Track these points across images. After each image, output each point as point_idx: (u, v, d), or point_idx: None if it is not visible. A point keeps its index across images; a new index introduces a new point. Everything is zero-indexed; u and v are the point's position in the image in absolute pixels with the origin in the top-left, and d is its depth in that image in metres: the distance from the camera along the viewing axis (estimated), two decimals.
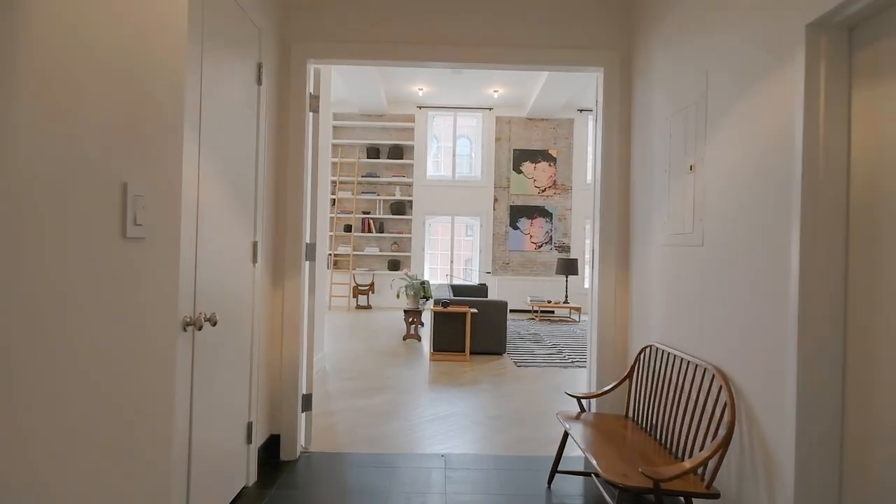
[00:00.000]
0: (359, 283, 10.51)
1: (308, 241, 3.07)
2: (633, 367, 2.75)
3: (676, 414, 2.24)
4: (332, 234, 10.50)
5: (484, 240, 10.89)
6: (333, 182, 10.59)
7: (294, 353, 2.95)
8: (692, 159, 2.25)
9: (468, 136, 11.14)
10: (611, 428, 2.56)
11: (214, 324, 2.00)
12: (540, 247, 10.95)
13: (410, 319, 6.98)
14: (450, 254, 11.02)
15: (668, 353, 2.45)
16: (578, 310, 9.30)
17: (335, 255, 10.55)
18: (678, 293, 2.38)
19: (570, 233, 11.00)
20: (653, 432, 2.49)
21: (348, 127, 10.75)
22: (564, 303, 9.67)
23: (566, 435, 2.68)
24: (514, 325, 8.65)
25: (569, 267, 9.69)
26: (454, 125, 10.97)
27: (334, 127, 10.69)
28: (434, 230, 11.19)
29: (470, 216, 10.96)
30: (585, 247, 11.08)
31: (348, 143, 10.63)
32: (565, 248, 10.99)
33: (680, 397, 2.24)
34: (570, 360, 5.86)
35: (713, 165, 2.09)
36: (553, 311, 10.35)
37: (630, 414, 2.77)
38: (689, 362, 2.23)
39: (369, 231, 10.57)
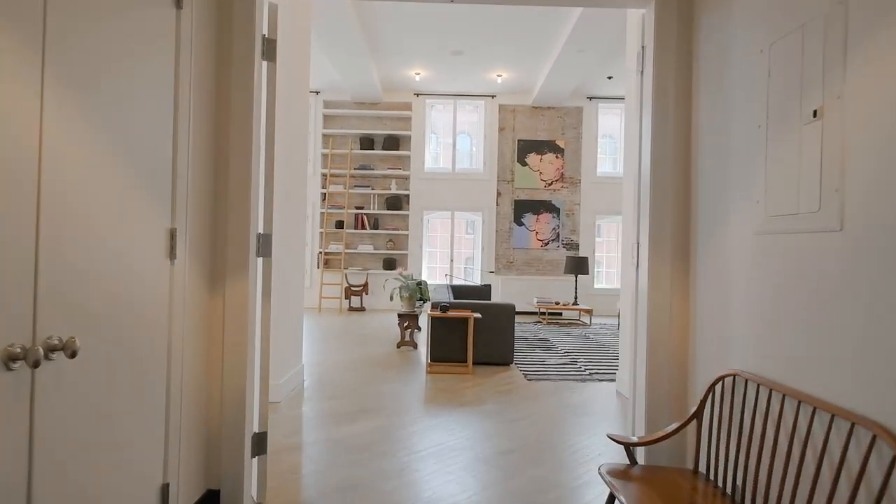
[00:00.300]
0: (351, 283, 9.76)
1: (261, 230, 2.32)
2: (702, 403, 1.99)
3: (793, 485, 1.49)
4: (322, 230, 9.76)
5: (486, 237, 10.14)
6: (324, 175, 9.84)
7: (239, 381, 2.19)
8: (817, 101, 1.49)
9: (468, 133, 10.38)
10: (676, 490, 1.81)
11: (73, 354, 1.25)
12: (546, 244, 10.20)
13: (405, 324, 6.22)
14: (449, 252, 10.27)
15: (768, 390, 1.69)
16: (590, 312, 8.55)
17: (326, 254, 9.80)
18: (785, 302, 1.62)
19: (579, 229, 10.24)
20: (742, 500, 1.74)
21: (340, 116, 9.99)
22: (574, 304, 8.93)
23: (613, 499, 1.93)
24: (521, 329, 7.89)
25: (578, 266, 8.95)
26: (454, 114, 10.21)
27: (325, 116, 9.94)
28: (433, 226, 10.44)
29: (471, 211, 10.20)
30: (595, 244, 10.32)
31: (340, 132, 9.87)
32: (573, 246, 10.24)
33: (800, 460, 1.48)
34: (587, 373, 5.10)
35: (865, 104, 1.33)
36: (560, 314, 9.61)
37: (700, 467, 2.02)
38: (814, 410, 1.47)
39: (363, 227, 9.82)
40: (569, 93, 9.49)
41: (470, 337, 5.06)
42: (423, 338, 6.86)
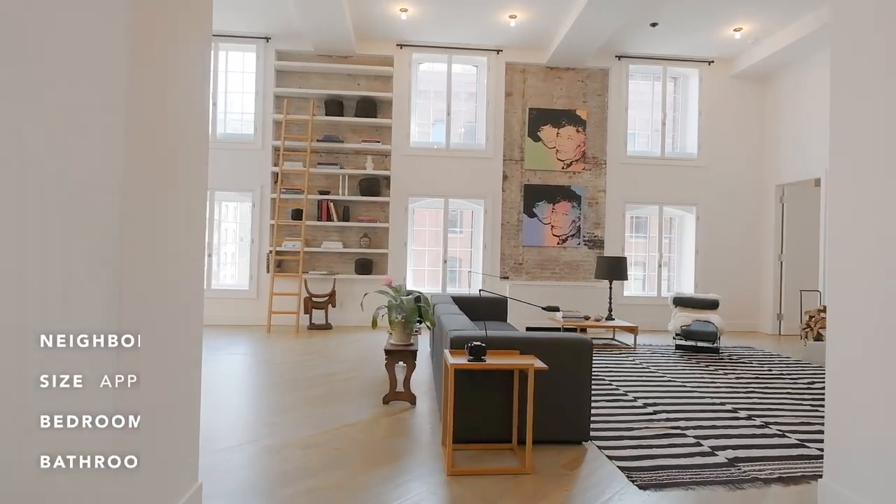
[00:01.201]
0: (313, 292, 7.35)
1: None
2: None
3: None
4: (273, 222, 7.33)
5: (489, 231, 7.90)
6: (276, 149, 7.42)
7: None
8: None
9: (467, 97, 8.12)
10: None
11: None
12: (564, 241, 8.05)
13: (398, 363, 3.92)
14: (441, 251, 8.00)
15: None
16: (634, 330, 6.42)
17: (278, 254, 7.36)
18: None
19: (604, 222, 8.13)
20: None
21: (299, 71, 7.59)
22: (609, 319, 6.79)
23: None
24: None
25: (614, 269, 6.83)
26: (448, 72, 7.93)
27: (279, 71, 7.53)
28: (420, 218, 8.14)
29: (470, 199, 7.95)
30: (625, 242, 8.22)
31: (299, 93, 7.47)
32: (598, 243, 8.12)
33: None
34: (719, 457, 2.91)
35: None
36: (585, 331, 7.46)
37: None
38: None
39: (328, 219, 7.44)
40: (594, 50, 7.38)
41: (529, 403, 2.78)
42: (421, 378, 4.54)
